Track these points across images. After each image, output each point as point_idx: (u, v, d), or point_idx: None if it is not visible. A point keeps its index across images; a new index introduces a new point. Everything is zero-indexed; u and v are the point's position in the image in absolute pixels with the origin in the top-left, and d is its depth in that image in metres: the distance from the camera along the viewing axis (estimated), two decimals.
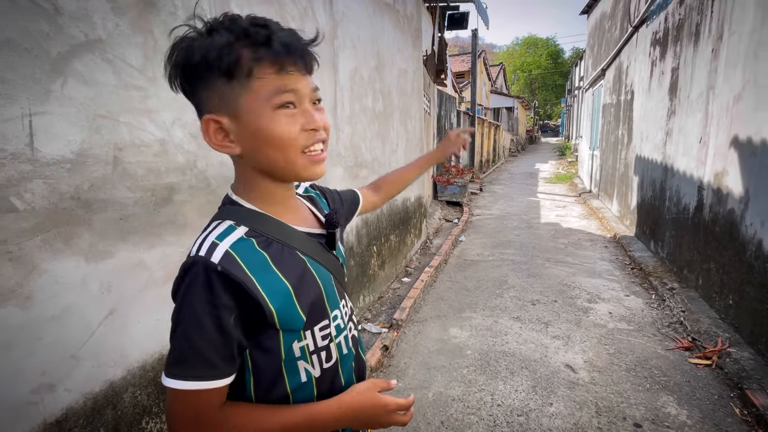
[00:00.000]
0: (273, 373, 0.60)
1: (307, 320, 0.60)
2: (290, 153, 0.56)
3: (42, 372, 1.00)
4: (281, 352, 0.59)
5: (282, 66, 0.53)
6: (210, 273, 0.53)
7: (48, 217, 0.99)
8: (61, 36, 0.99)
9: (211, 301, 0.52)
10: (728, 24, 2.68)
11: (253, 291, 0.54)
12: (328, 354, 0.64)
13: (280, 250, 0.60)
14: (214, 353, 0.53)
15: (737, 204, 2.49)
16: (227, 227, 0.57)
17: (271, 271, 0.57)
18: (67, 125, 1.02)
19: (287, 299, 0.57)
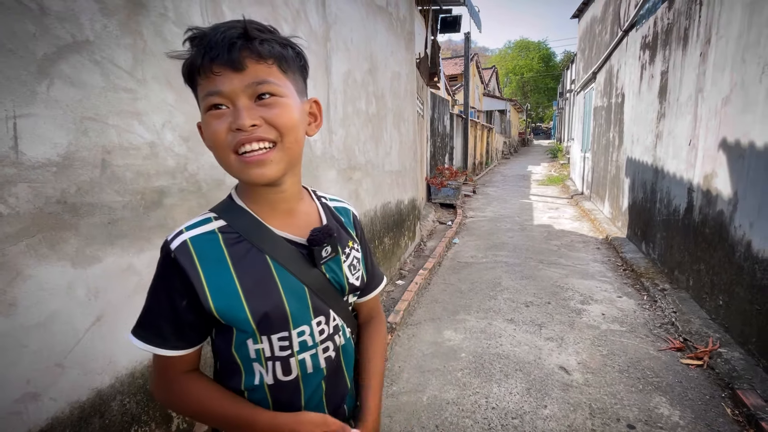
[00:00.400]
0: (229, 362, 0.63)
1: (259, 326, 0.59)
2: (221, 154, 0.55)
3: (26, 381, 0.97)
4: (232, 345, 0.62)
5: (209, 69, 0.53)
6: (166, 257, 0.58)
7: (33, 221, 0.97)
8: (47, 37, 0.97)
9: (164, 282, 0.59)
10: (716, 28, 2.73)
11: (194, 283, 0.57)
12: (285, 367, 0.63)
13: (246, 250, 0.60)
14: (166, 326, 0.59)
15: (726, 206, 2.52)
16: (202, 219, 0.61)
17: (224, 269, 0.58)
18: (54, 128, 1.00)
19: (233, 300, 0.58)
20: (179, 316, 0.58)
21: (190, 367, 0.63)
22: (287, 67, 0.57)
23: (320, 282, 0.65)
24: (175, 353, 0.60)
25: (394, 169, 3.80)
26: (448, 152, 9.30)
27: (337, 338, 0.68)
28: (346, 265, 0.69)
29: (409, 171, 4.41)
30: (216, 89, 0.53)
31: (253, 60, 0.53)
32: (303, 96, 0.62)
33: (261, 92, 0.54)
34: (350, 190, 2.81)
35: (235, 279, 0.58)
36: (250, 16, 1.72)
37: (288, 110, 0.56)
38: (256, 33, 0.54)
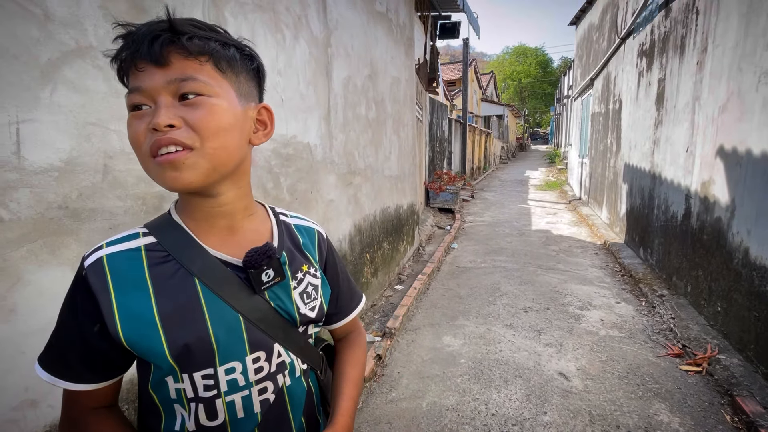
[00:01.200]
0: (148, 401, 0.56)
1: (179, 362, 0.51)
2: (140, 157, 0.49)
3: (25, 388, 0.96)
4: (149, 383, 0.55)
5: (133, 65, 0.48)
6: (78, 275, 0.53)
7: (34, 227, 0.96)
8: (51, 42, 0.97)
9: (75, 304, 0.52)
10: (712, 37, 2.76)
11: (103, 306, 0.50)
12: (210, 409, 0.54)
13: (173, 271, 0.53)
14: (73, 355, 0.52)
15: (724, 212, 2.54)
16: (130, 234, 0.55)
17: (142, 293, 0.51)
18: (56, 133, 0.99)
19: (146, 329, 0.50)
20: (89, 344, 0.51)
21: (103, 404, 0.56)
22: (226, 66, 0.51)
23: (262, 311, 0.56)
24: (83, 387, 0.52)
25: (393, 174, 3.81)
26: (446, 157, 9.33)
27: (279, 378, 0.59)
28: (297, 293, 0.61)
29: (408, 176, 4.42)
30: (137, 86, 0.48)
31: (180, 55, 0.48)
32: (250, 100, 0.55)
33: (185, 91, 0.48)
34: (350, 195, 2.81)
35: (153, 305, 0.51)
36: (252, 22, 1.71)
37: (215, 112, 0.49)
38: (187, 28, 0.49)
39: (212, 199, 0.55)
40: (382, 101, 3.42)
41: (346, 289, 0.74)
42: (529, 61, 41.72)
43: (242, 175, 0.57)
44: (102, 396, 0.55)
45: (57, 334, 0.54)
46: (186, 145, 0.47)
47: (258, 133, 0.58)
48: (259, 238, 0.61)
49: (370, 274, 3.21)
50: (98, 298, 0.50)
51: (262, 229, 0.63)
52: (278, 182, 1.95)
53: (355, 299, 0.76)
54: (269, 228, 0.64)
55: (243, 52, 0.55)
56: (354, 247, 2.89)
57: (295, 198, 2.10)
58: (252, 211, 0.62)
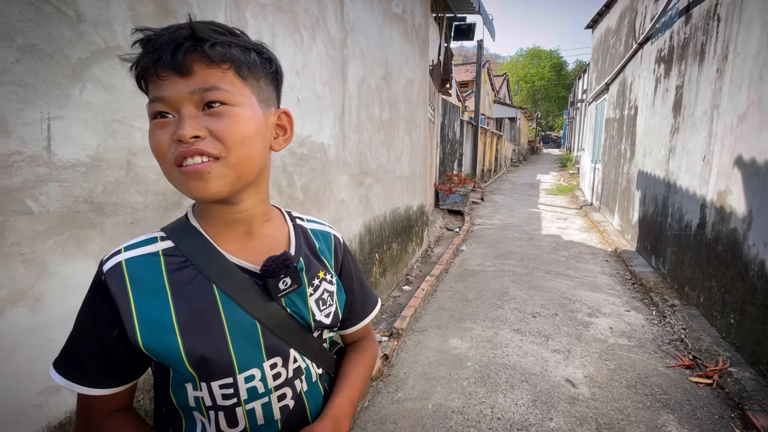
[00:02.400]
0: (168, 405, 0.56)
1: (197, 370, 0.51)
2: (164, 168, 0.49)
3: (49, 375, 1.00)
4: (170, 387, 0.54)
5: (154, 73, 0.47)
6: (97, 279, 0.52)
7: (61, 220, 1.00)
8: (82, 42, 1.01)
9: (94, 308, 0.52)
10: (733, 45, 2.71)
11: (122, 312, 0.50)
12: (231, 417, 0.54)
13: (191, 277, 0.52)
14: (91, 360, 0.52)
15: (740, 224, 2.50)
16: (148, 238, 0.55)
17: (162, 300, 0.51)
18: (84, 129, 1.03)
19: (165, 335, 0.50)
20: (108, 348, 0.51)
21: (119, 406, 0.55)
22: (247, 73, 0.51)
23: (278, 317, 0.56)
24: (100, 392, 0.52)
25: (404, 175, 3.82)
26: (457, 158, 9.31)
27: (297, 383, 0.59)
28: (313, 300, 0.60)
29: (419, 177, 4.42)
30: (160, 95, 0.47)
31: (203, 64, 0.47)
32: (270, 106, 0.55)
33: (209, 100, 0.47)
34: (361, 195, 2.83)
35: (172, 311, 0.51)
36: (272, 24, 1.73)
37: (239, 121, 0.49)
38: (209, 34, 0.47)
39: (232, 206, 0.54)
40: (396, 102, 3.44)
41: (360, 294, 0.73)
42: (543, 64, 41.32)
43: (262, 181, 0.57)
44: (119, 399, 0.55)
45: (74, 338, 0.53)
46: (212, 155, 0.47)
47: (278, 139, 0.58)
48: (277, 243, 0.61)
49: (379, 274, 3.23)
50: (118, 303, 0.50)
51: (280, 234, 0.62)
52: (292, 181, 1.98)
53: (369, 305, 0.76)
54: (286, 233, 0.63)
55: (262, 56, 0.54)
56: (364, 247, 2.92)
57: (308, 197, 2.12)
58: (270, 216, 0.62)
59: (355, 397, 0.65)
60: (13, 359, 0.93)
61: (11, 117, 0.88)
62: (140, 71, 0.49)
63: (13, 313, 0.92)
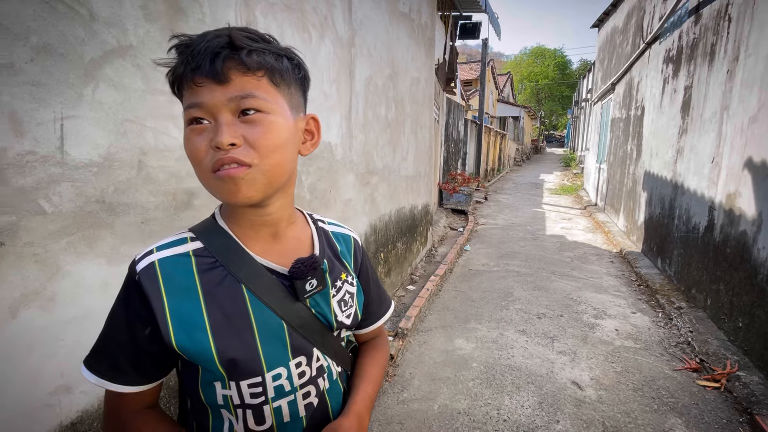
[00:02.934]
0: (196, 402, 0.57)
1: (227, 370, 0.53)
2: (201, 173, 0.50)
3: (60, 374, 1.00)
4: (199, 384, 0.56)
5: (191, 80, 0.48)
6: (131, 279, 0.53)
7: (74, 220, 1.00)
8: (95, 41, 1.01)
9: (125, 307, 0.53)
10: (745, 46, 2.68)
11: (156, 310, 0.51)
12: (258, 415, 0.56)
13: (221, 278, 0.54)
14: (123, 358, 0.53)
15: (750, 226, 2.48)
16: (178, 239, 0.56)
17: (194, 300, 0.52)
18: (96, 129, 1.03)
19: (198, 335, 0.52)
20: (140, 346, 0.52)
21: (147, 404, 0.57)
22: (280, 79, 0.52)
23: (303, 317, 0.58)
24: (131, 389, 0.53)
25: (409, 174, 3.81)
26: (461, 158, 9.28)
27: (320, 382, 0.61)
28: (335, 301, 0.62)
29: (424, 176, 4.41)
30: (197, 101, 0.48)
31: (239, 72, 0.48)
32: (299, 111, 0.56)
33: (245, 107, 0.49)
34: (367, 195, 2.82)
35: (204, 311, 0.52)
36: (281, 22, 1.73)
37: (273, 129, 0.50)
38: (245, 42, 0.49)
39: (260, 209, 0.56)
40: (402, 101, 3.42)
41: (376, 296, 0.75)
42: (547, 63, 41.10)
43: (290, 185, 0.59)
44: (147, 397, 0.57)
45: (106, 336, 0.54)
46: (245, 163, 0.49)
47: (306, 144, 0.59)
48: (301, 246, 0.63)
49: (384, 273, 3.22)
50: (151, 302, 0.51)
51: (303, 236, 0.64)
52: (300, 180, 1.97)
53: (384, 306, 0.78)
54: (309, 235, 0.65)
55: (293, 62, 0.55)
56: (369, 246, 2.91)
57: (315, 197, 2.12)
58: (294, 219, 0.64)
59: (374, 394, 0.67)
60: (26, 359, 0.93)
61: (25, 117, 0.88)
62: (175, 77, 0.50)
63: (27, 313, 0.92)
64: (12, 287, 0.89)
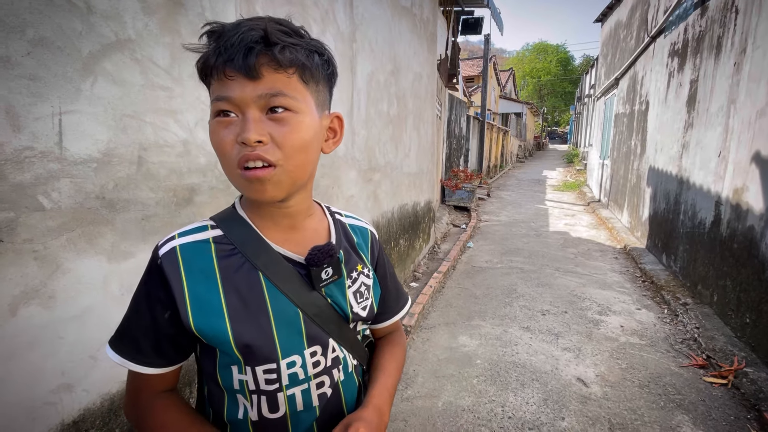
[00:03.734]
0: (213, 385, 0.58)
1: (243, 354, 0.53)
2: (226, 166, 0.50)
3: (62, 372, 0.99)
4: (216, 367, 0.56)
5: (222, 71, 0.48)
6: (153, 263, 0.55)
7: (73, 216, 0.98)
8: (92, 35, 0.99)
9: (148, 290, 0.54)
10: (752, 38, 2.64)
11: (176, 294, 0.52)
12: (272, 402, 0.56)
13: (239, 264, 0.55)
14: (145, 340, 0.54)
15: (757, 221, 2.44)
16: (199, 226, 0.57)
17: (213, 284, 0.53)
18: (95, 124, 1.01)
19: (216, 319, 0.53)
20: (160, 329, 0.53)
21: (167, 387, 0.58)
22: (309, 77, 0.51)
23: (319, 306, 0.58)
24: (152, 371, 0.54)
25: (412, 171, 3.79)
26: (463, 154, 9.24)
27: (335, 372, 0.61)
28: (351, 292, 0.62)
29: (426, 173, 4.39)
30: (226, 95, 0.48)
31: (271, 68, 0.48)
32: (325, 109, 0.56)
33: (274, 105, 0.49)
34: (369, 191, 2.81)
35: (222, 296, 0.53)
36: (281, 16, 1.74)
37: (300, 130, 0.50)
38: (279, 37, 0.48)
39: (282, 203, 0.57)
40: (404, 97, 3.40)
41: (393, 290, 0.75)
42: (549, 59, 40.84)
43: (310, 180, 0.59)
44: (167, 380, 0.58)
45: (129, 318, 0.55)
46: (271, 162, 0.49)
47: (328, 141, 0.59)
48: (318, 236, 0.63)
49: None
50: (172, 286, 0.52)
51: (320, 228, 0.64)
52: None
53: (402, 301, 0.77)
54: (326, 227, 0.65)
55: (323, 58, 0.54)
56: None
57: (317, 193, 2.10)
58: (312, 211, 0.64)
59: (393, 388, 0.66)
60: (27, 357, 0.92)
61: (23, 112, 0.87)
62: (207, 66, 0.50)
63: (27, 311, 0.91)
64: (11, 285, 0.88)
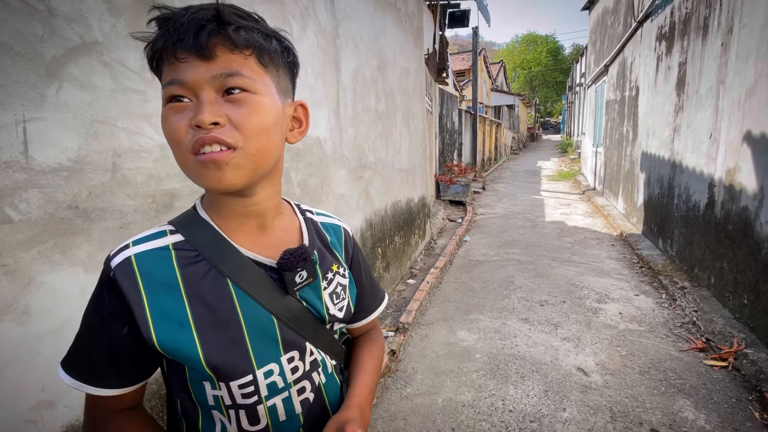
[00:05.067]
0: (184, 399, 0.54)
1: (215, 371, 0.49)
2: (179, 155, 0.46)
3: (41, 388, 0.96)
4: (187, 382, 0.52)
5: (173, 54, 0.45)
6: (105, 276, 0.50)
7: (44, 227, 0.95)
8: (55, 38, 0.95)
9: (100, 305, 0.50)
10: (738, 17, 2.62)
11: (134, 309, 0.48)
12: (252, 415, 0.53)
13: (204, 272, 0.51)
14: (100, 360, 0.50)
15: (751, 201, 2.43)
16: (156, 232, 0.52)
17: (174, 295, 0.49)
18: (63, 131, 0.98)
19: (181, 333, 0.48)
20: (117, 347, 0.49)
21: (129, 405, 0.54)
22: (269, 60, 0.49)
23: (294, 311, 0.55)
24: (111, 392, 0.50)
25: (403, 167, 3.76)
26: (456, 148, 9.22)
27: (315, 376, 0.59)
28: (327, 293, 0.60)
29: (419, 168, 4.36)
30: (178, 78, 0.44)
31: (226, 48, 0.45)
32: (287, 96, 0.54)
33: (230, 86, 0.45)
34: (360, 190, 2.78)
35: (187, 307, 0.49)
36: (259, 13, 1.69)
37: (259, 110, 0.47)
38: (233, 18, 0.46)
39: (246, 198, 0.53)
40: (392, 93, 3.36)
41: (369, 288, 0.72)
42: (539, 50, 40.82)
43: (276, 173, 0.56)
44: (129, 399, 0.53)
45: (82, 336, 0.51)
46: (229, 145, 0.45)
47: (294, 131, 0.57)
48: (289, 237, 0.59)
49: (382, 268, 3.18)
50: (129, 300, 0.48)
51: (291, 227, 0.61)
52: (288, 177, 1.92)
53: (378, 298, 0.75)
54: (297, 226, 0.62)
55: (282, 44, 0.52)
56: (365, 241, 2.87)
57: (306, 193, 2.07)
58: (281, 209, 0.61)
59: (373, 386, 0.65)
60: (4, 374, 0.88)
61: None
62: (155, 52, 0.46)
63: (1, 327, 0.87)
64: None
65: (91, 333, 0.50)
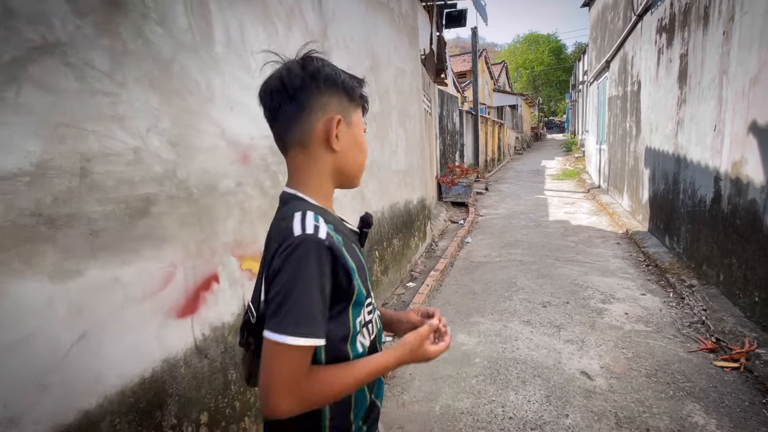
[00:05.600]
0: (339, 342, 0.70)
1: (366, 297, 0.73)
2: (365, 161, 0.78)
3: (4, 405, 0.91)
4: (349, 325, 0.70)
5: (366, 109, 0.80)
6: (321, 248, 0.63)
7: (5, 235, 0.91)
8: (14, 39, 0.92)
9: (320, 271, 0.63)
10: (740, 4, 2.54)
11: (347, 265, 0.67)
12: (372, 326, 0.76)
13: (342, 237, 0.70)
14: (321, 316, 0.63)
15: (759, 194, 2.34)
16: (315, 215, 0.67)
17: (348, 251, 0.69)
18: (25, 135, 0.94)
19: (356, 277, 0.69)
20: (326, 301, 0.64)
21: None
22: None
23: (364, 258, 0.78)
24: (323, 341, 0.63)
25: (400, 168, 3.70)
26: (458, 150, 9.14)
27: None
28: None
29: (417, 170, 4.30)
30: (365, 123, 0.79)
31: None
32: None
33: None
34: (355, 192, 2.73)
35: (350, 259, 0.68)
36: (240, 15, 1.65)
37: None
38: None
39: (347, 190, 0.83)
40: (386, 93, 3.32)
41: None
42: (541, 49, 40.64)
43: None
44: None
45: (307, 304, 0.61)
46: None
47: None
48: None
49: (380, 272, 3.12)
50: (340, 261, 0.65)
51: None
52: (276, 181, 1.88)
53: None
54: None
55: None
56: None
57: None
58: None
59: None
60: None
61: None
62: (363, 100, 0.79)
63: None
64: None
65: (313, 297, 0.62)
